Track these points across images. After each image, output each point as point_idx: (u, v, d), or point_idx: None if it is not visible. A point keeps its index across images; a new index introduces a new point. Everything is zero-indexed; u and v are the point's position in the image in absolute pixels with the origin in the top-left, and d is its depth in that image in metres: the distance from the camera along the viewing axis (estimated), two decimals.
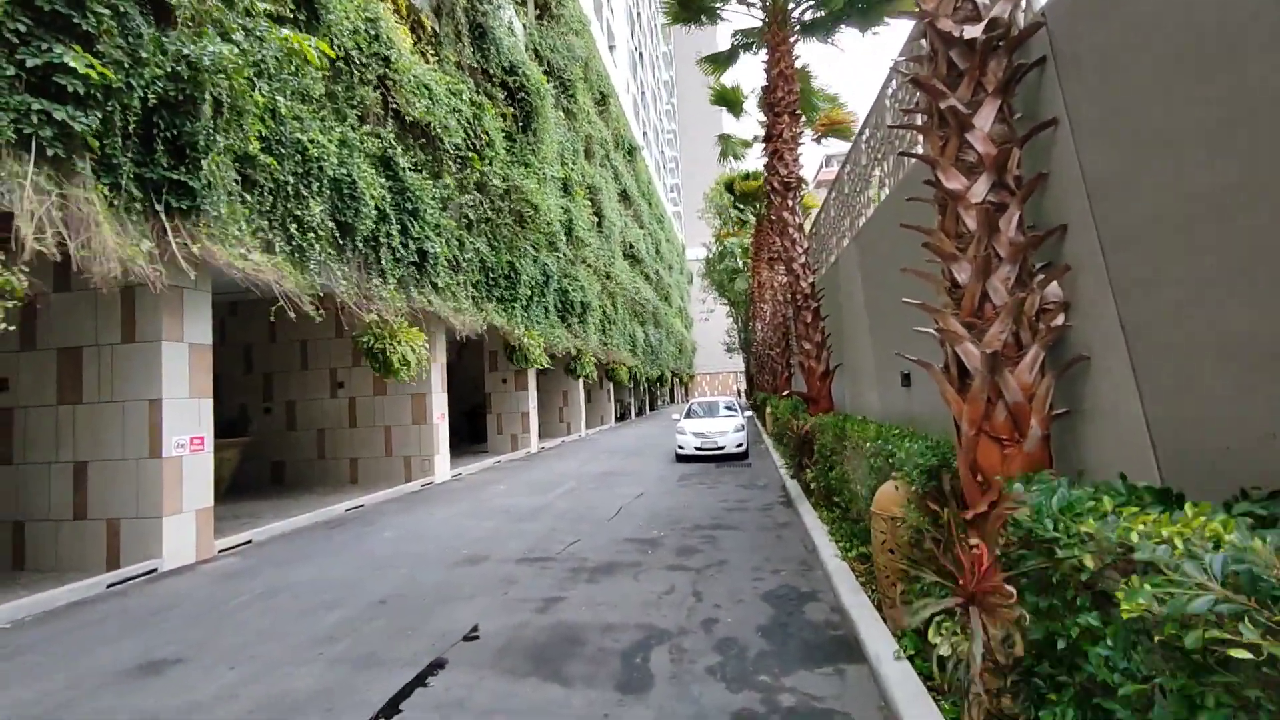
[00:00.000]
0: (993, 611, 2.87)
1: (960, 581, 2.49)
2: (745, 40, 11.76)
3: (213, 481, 6.66)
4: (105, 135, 5.03)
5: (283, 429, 12.26)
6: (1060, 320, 3.02)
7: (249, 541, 7.20)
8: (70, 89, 4.69)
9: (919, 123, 3.63)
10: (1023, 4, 3.33)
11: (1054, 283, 3.06)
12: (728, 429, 13.75)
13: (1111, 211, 2.76)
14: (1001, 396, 2.88)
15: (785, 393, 15.71)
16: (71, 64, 4.64)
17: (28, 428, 6.35)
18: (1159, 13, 2.41)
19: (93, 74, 4.75)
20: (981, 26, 3.10)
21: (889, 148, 6.29)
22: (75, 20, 4.79)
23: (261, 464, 12.11)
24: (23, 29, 4.57)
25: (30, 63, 4.55)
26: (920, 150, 3.61)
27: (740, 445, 13.67)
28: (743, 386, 58.45)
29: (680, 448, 13.83)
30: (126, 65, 5.11)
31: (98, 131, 4.94)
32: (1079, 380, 3.00)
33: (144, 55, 5.21)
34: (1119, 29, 2.65)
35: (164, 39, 5.40)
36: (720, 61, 12.39)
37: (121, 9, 5.14)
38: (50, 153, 4.66)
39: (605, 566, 5.66)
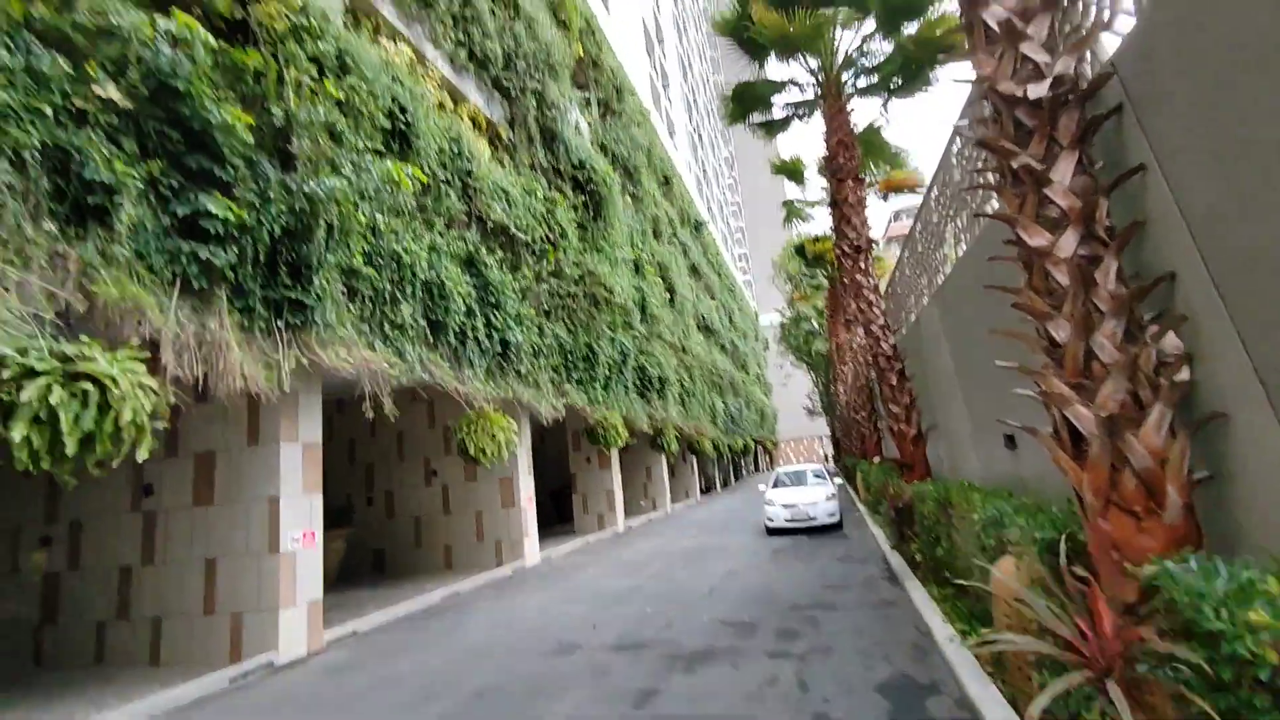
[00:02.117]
0: (1138, 687, 2.50)
1: (1085, 652, 2.19)
2: (797, 111, 12.10)
3: (322, 573, 7.02)
4: (239, 266, 5.76)
5: (383, 517, 12.83)
6: (1184, 374, 2.77)
7: (354, 633, 7.44)
8: (211, 230, 5.45)
9: (990, 181, 3.58)
10: (1088, 56, 3.29)
11: (1170, 334, 2.84)
12: (818, 498, 13.15)
13: (1224, 253, 2.57)
14: (1128, 462, 2.64)
15: (876, 458, 14.95)
16: (213, 209, 5.41)
17: (168, 529, 6.99)
18: (1261, 39, 2.28)
19: (230, 216, 5.51)
20: (1046, 84, 3.07)
21: (960, 204, 6.18)
22: (216, 173, 5.62)
23: (364, 552, 12.64)
24: (175, 184, 5.40)
25: (181, 211, 5.35)
26: (995, 208, 3.53)
27: (833, 515, 12.99)
28: (829, 451, 56.10)
29: (769, 520, 13.31)
30: (257, 205, 5.90)
31: (233, 264, 5.67)
32: (1219, 439, 2.70)
33: (271, 195, 6.01)
34: (1209, 64, 2.55)
35: (286, 178, 6.23)
36: (773, 127, 12.74)
37: (254, 159, 5.99)
38: (195, 286, 5.38)
39: (701, 653, 5.41)
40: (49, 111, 4.45)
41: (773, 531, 13.29)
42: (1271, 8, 2.17)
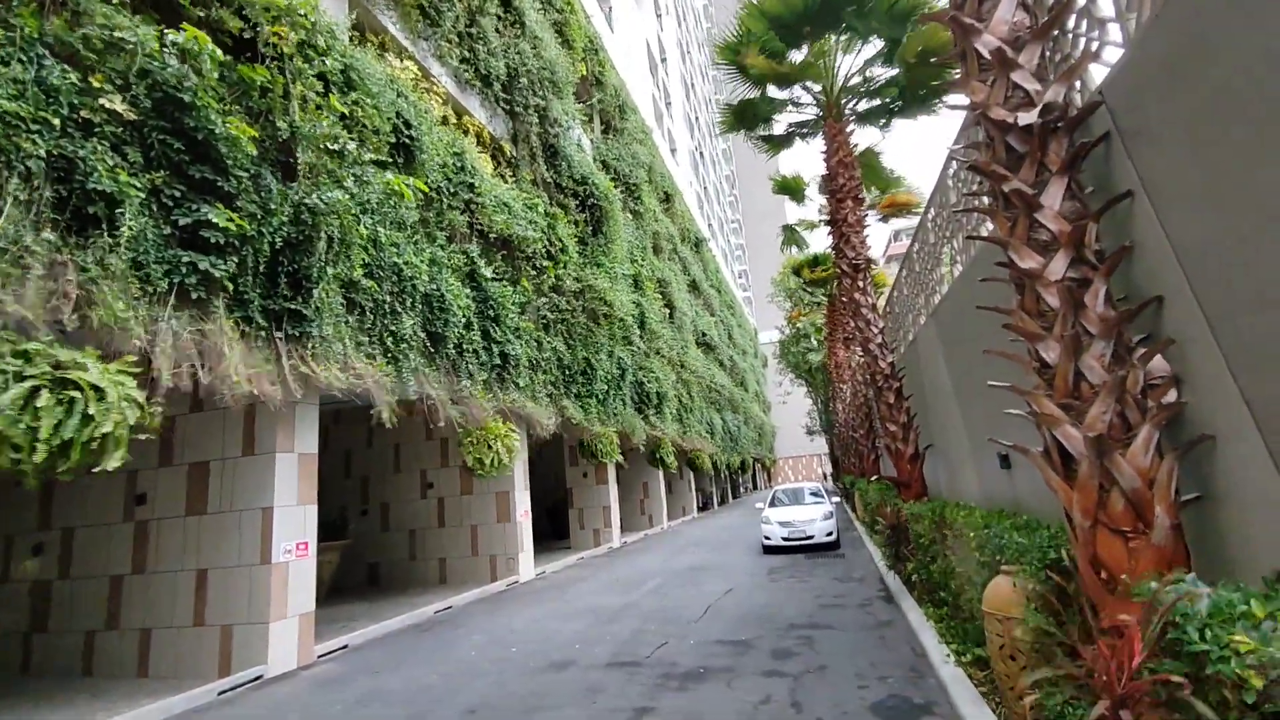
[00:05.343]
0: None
1: (1104, 680, 2.17)
2: (800, 130, 12.24)
3: (315, 585, 6.97)
4: (239, 277, 5.79)
5: (377, 530, 12.77)
6: (1172, 396, 2.80)
7: (345, 646, 7.37)
8: (212, 240, 5.49)
9: (983, 204, 3.63)
10: (1077, 85, 3.35)
11: (1158, 357, 2.87)
12: (815, 516, 13.12)
13: (1212, 281, 2.61)
14: (1116, 483, 2.65)
15: (874, 476, 14.92)
16: (215, 220, 5.46)
17: (160, 538, 6.96)
18: (1248, 76, 2.32)
19: (231, 227, 5.56)
20: (1036, 112, 3.13)
21: (956, 226, 6.25)
22: (220, 184, 5.68)
23: (358, 565, 12.56)
24: (178, 194, 5.45)
25: (182, 221, 5.38)
26: (988, 231, 3.58)
27: (830, 534, 12.95)
28: (828, 470, 55.97)
29: (766, 539, 13.26)
30: (259, 216, 5.95)
31: (233, 274, 5.70)
32: (1207, 462, 2.72)
33: (273, 206, 6.06)
34: (1195, 99, 2.60)
35: (288, 190, 6.29)
36: (775, 143, 12.86)
37: (257, 171, 6.06)
38: (194, 296, 5.41)
39: (696, 672, 5.37)
40: (56, 123, 4.51)
41: (770, 549, 13.23)
42: (1258, 52, 2.23)
